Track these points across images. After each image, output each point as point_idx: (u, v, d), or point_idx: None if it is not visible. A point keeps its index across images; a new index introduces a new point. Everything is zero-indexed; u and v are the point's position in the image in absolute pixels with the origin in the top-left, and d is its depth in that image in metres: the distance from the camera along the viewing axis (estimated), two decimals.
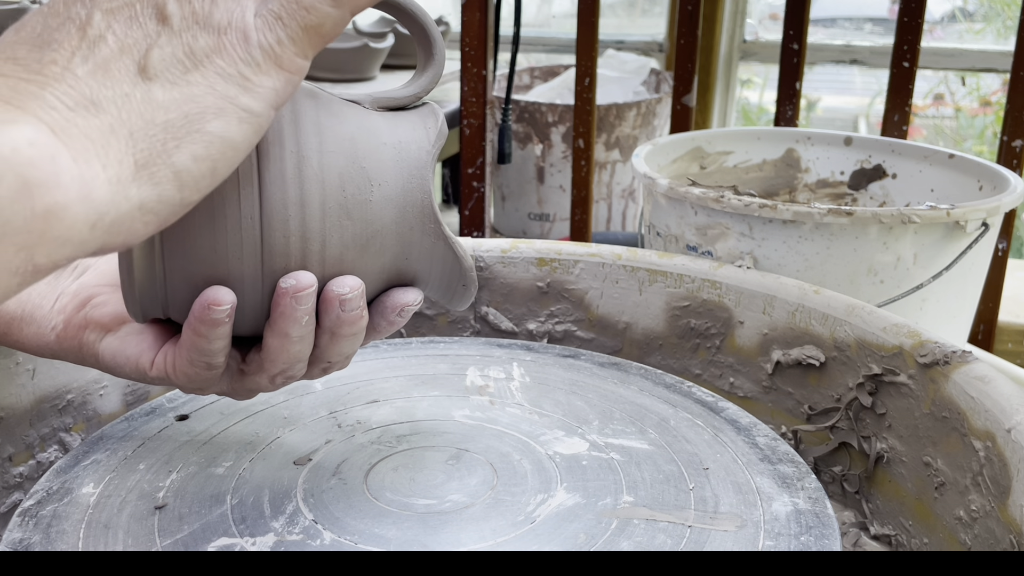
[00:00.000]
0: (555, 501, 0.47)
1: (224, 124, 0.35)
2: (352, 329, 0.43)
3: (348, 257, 0.42)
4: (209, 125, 0.34)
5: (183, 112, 0.34)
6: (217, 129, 0.34)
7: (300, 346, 0.42)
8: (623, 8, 2.88)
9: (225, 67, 0.35)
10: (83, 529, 0.45)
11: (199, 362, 0.42)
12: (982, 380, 0.53)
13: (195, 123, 0.34)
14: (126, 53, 0.34)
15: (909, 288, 0.81)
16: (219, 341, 0.41)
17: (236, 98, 0.35)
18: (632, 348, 0.75)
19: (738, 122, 2.53)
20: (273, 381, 0.44)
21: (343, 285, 0.41)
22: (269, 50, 0.35)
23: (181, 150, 0.34)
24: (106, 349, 0.46)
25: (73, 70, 0.33)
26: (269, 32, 0.36)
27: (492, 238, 0.80)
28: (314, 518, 0.46)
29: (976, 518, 0.52)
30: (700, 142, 1.08)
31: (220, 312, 0.40)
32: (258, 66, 0.35)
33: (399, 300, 0.44)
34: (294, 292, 0.40)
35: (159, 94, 0.34)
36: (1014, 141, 1.20)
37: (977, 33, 2.89)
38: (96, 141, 0.32)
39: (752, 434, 0.55)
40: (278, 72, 0.36)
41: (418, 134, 0.44)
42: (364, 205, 0.42)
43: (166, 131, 0.33)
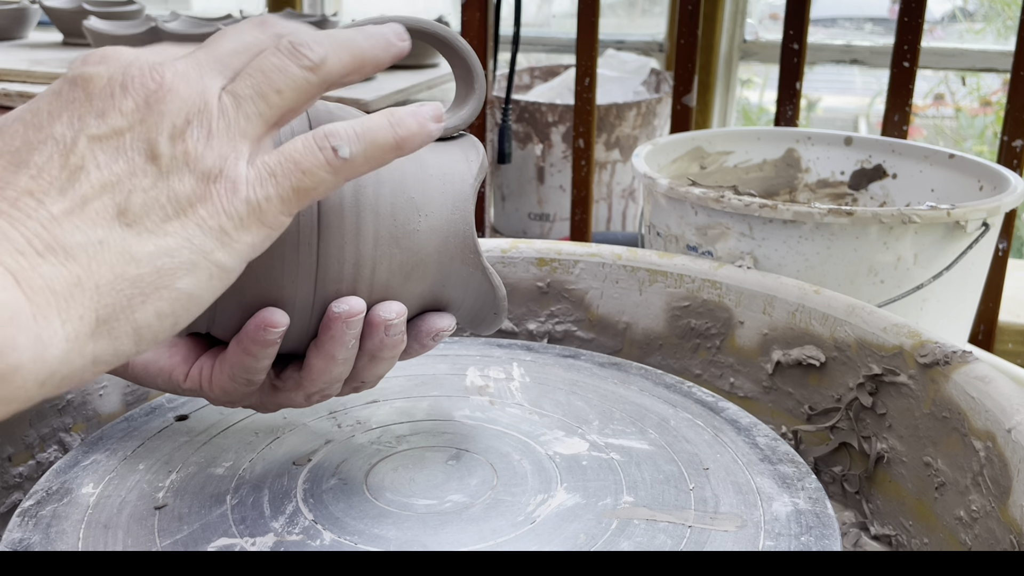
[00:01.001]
0: (555, 501, 0.47)
1: (194, 281, 0.33)
2: (392, 353, 0.44)
3: (393, 284, 0.43)
4: (179, 282, 0.32)
5: (155, 267, 0.32)
6: (186, 287, 0.33)
7: (343, 368, 0.43)
8: (623, 8, 2.88)
9: (207, 219, 0.33)
10: (83, 529, 0.45)
11: (240, 379, 0.43)
12: (982, 380, 0.53)
13: (165, 279, 0.32)
14: (107, 192, 0.31)
15: (909, 288, 0.81)
16: (266, 360, 0.42)
17: (211, 253, 0.33)
18: (632, 348, 0.75)
19: (738, 122, 2.53)
20: (309, 399, 0.45)
21: (390, 311, 0.42)
22: (256, 206, 0.34)
23: (146, 307, 0.32)
24: (137, 360, 0.45)
25: (48, 206, 0.30)
26: (260, 188, 0.34)
27: (492, 238, 0.80)
28: (314, 518, 0.46)
29: (976, 518, 0.52)
30: (700, 142, 1.08)
31: (274, 334, 0.40)
32: (240, 221, 0.34)
33: (435, 326, 0.45)
34: (347, 317, 0.41)
35: (134, 245, 0.31)
36: (1014, 141, 1.20)
37: (977, 33, 2.89)
38: (60, 294, 0.30)
39: (752, 434, 0.55)
40: (259, 228, 0.34)
41: (461, 167, 0.45)
42: (412, 235, 0.43)
43: (134, 286, 0.31)
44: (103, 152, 0.32)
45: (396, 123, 0.37)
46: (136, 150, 0.32)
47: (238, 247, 0.34)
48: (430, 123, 0.37)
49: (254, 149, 0.35)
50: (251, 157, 0.34)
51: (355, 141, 0.36)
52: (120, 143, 0.32)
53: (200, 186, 0.33)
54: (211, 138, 0.33)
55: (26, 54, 1.72)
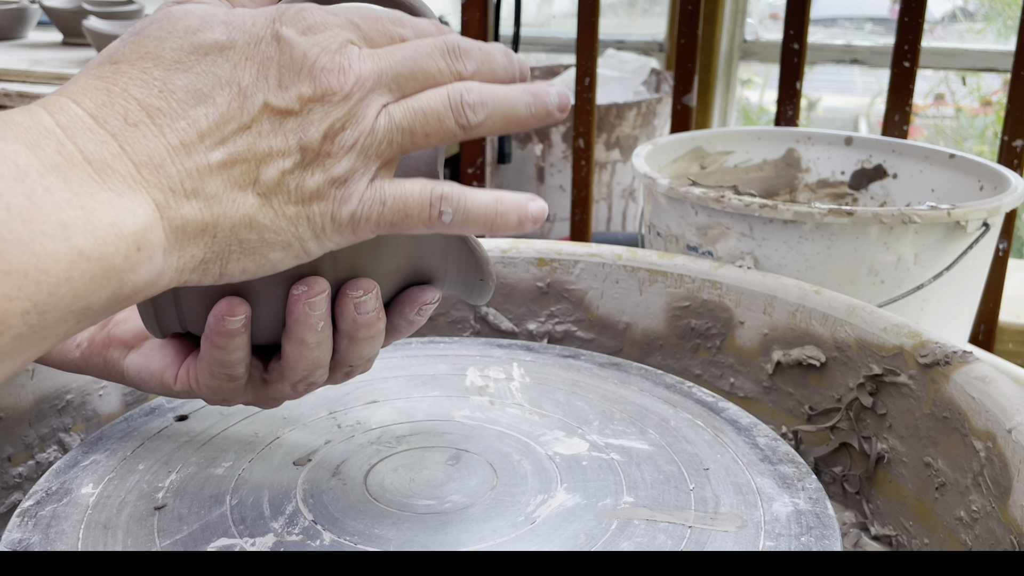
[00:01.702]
0: (555, 501, 0.47)
1: (282, 256, 0.36)
2: (370, 332, 0.43)
3: (360, 260, 0.42)
4: (272, 253, 0.36)
5: (262, 238, 0.35)
6: (275, 258, 0.36)
7: (318, 352, 0.42)
8: (623, 8, 2.88)
9: (316, 215, 0.36)
10: (82, 529, 0.45)
11: (220, 374, 0.42)
12: (983, 380, 0.53)
13: (264, 248, 0.35)
14: (256, 160, 0.34)
15: (910, 288, 0.81)
16: (237, 352, 0.41)
17: (305, 242, 0.36)
18: (632, 348, 0.75)
19: (738, 122, 2.53)
20: (296, 388, 0.44)
21: (356, 288, 0.41)
22: (356, 221, 0.36)
23: (240, 262, 0.35)
24: (131, 366, 0.46)
25: (208, 155, 0.33)
26: (367, 208, 0.36)
27: (492, 238, 0.79)
28: (314, 518, 0.46)
29: (977, 518, 0.52)
30: (700, 142, 1.08)
31: (235, 323, 0.40)
32: (339, 227, 0.36)
33: (416, 299, 0.44)
34: (307, 298, 0.40)
35: (256, 214, 0.35)
36: (1015, 141, 1.19)
37: (978, 33, 2.89)
38: (188, 235, 0.33)
39: (752, 434, 0.55)
40: (349, 235, 0.37)
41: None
42: None
43: (240, 245, 0.35)
44: (269, 123, 0.34)
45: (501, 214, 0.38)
46: (294, 133, 0.35)
47: (327, 243, 0.37)
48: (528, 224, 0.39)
49: (380, 170, 0.37)
50: (374, 176, 0.36)
51: (460, 212, 0.37)
52: (284, 122, 0.34)
53: (324, 187, 0.35)
54: (353, 149, 0.35)
55: (26, 54, 1.72)
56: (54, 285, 0.29)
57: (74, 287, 0.30)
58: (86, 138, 0.31)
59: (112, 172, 0.31)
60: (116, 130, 0.32)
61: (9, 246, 0.28)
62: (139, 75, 0.33)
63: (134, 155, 0.32)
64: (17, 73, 1.54)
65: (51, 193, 0.29)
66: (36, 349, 0.31)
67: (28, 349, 0.30)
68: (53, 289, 0.29)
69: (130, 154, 0.32)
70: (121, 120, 0.32)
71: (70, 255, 0.29)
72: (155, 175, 0.32)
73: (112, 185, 0.31)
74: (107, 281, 0.31)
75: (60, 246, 0.29)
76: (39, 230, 0.29)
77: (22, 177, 0.29)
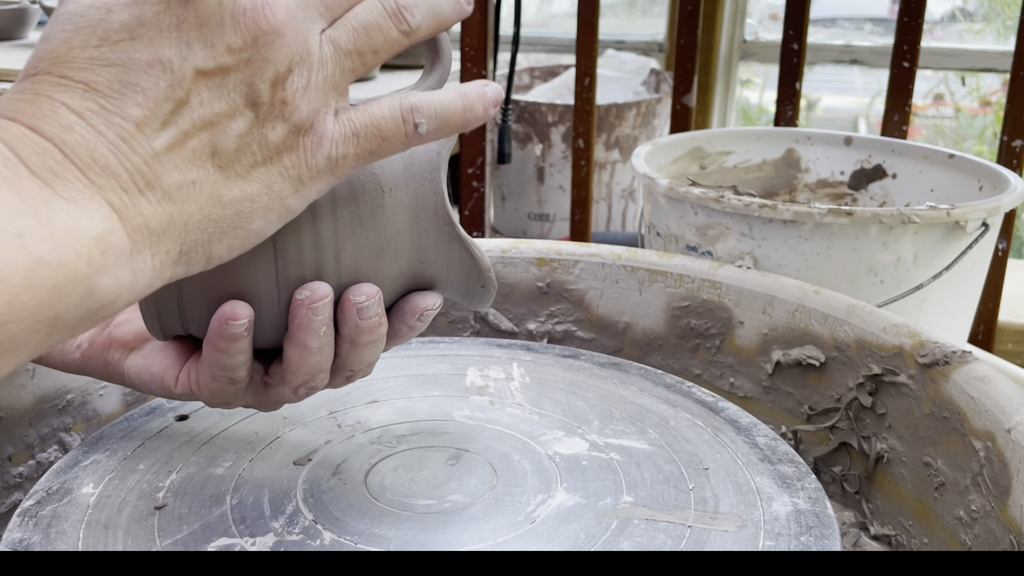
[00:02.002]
0: (555, 501, 0.47)
1: (265, 222, 0.35)
2: (372, 337, 0.42)
3: (363, 264, 0.42)
4: (253, 223, 0.35)
5: (237, 210, 0.34)
6: (258, 227, 0.35)
7: (320, 357, 0.42)
8: (623, 8, 2.88)
9: (289, 168, 0.35)
10: (83, 529, 0.45)
11: (221, 377, 0.42)
12: (982, 380, 0.53)
13: (243, 220, 0.34)
14: (206, 131, 0.32)
15: (909, 288, 0.81)
16: (239, 356, 0.41)
17: (285, 199, 0.35)
18: (632, 348, 0.75)
19: (738, 122, 2.53)
20: (296, 392, 0.44)
21: (359, 293, 0.41)
22: (334, 161, 0.35)
23: (222, 242, 0.34)
24: (131, 368, 0.46)
25: (152, 141, 0.32)
26: (342, 146, 0.35)
27: (492, 238, 0.80)
28: (314, 518, 0.46)
29: (976, 518, 0.52)
30: (700, 142, 1.08)
31: (238, 327, 0.40)
32: (317, 173, 0.35)
33: (418, 305, 0.44)
34: (309, 303, 0.40)
35: (222, 189, 0.33)
36: (1014, 141, 1.20)
37: (977, 33, 2.89)
38: (154, 231, 0.32)
39: (752, 434, 0.55)
40: (329, 179, 0.36)
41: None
42: (376, 211, 0.41)
43: (216, 225, 0.34)
44: (207, 89, 0.32)
45: (468, 107, 0.38)
46: (238, 92, 0.33)
47: (307, 193, 0.36)
48: (491, 108, 0.38)
49: (339, 101, 0.35)
50: (336, 111, 0.35)
51: (433, 119, 0.37)
52: (224, 82, 0.33)
53: (290, 137, 0.34)
54: (308, 89, 0.34)
55: (26, 54, 1.72)
56: (14, 294, 0.28)
57: (37, 295, 0.29)
58: (28, 149, 0.30)
59: (60, 180, 0.30)
60: (54, 137, 0.30)
61: None
62: (58, 81, 0.31)
63: (77, 159, 0.30)
64: (17, 73, 1.54)
65: (2, 204, 0.28)
66: (9, 360, 0.29)
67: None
68: (13, 298, 0.28)
69: (73, 159, 0.30)
70: (56, 126, 0.30)
71: (28, 263, 0.28)
72: (102, 177, 0.31)
73: (64, 193, 0.30)
74: (73, 288, 0.29)
75: (16, 254, 0.28)
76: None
77: None
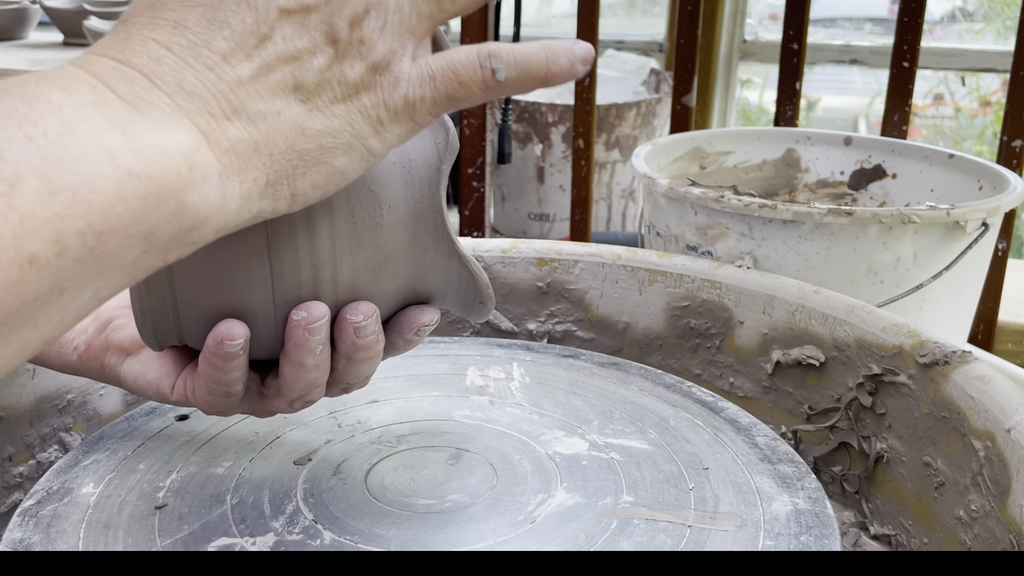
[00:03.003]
0: (555, 501, 0.47)
1: (347, 161, 0.35)
2: (368, 354, 0.43)
3: (361, 282, 0.41)
4: (336, 160, 0.35)
5: (320, 144, 0.34)
6: (340, 164, 0.35)
7: (316, 374, 0.42)
8: (623, 8, 2.88)
9: (368, 107, 0.35)
10: (83, 529, 0.45)
11: (217, 391, 0.42)
12: (982, 380, 0.53)
13: (326, 155, 0.34)
14: (288, 65, 0.33)
15: (909, 288, 0.81)
16: (235, 372, 0.41)
17: (366, 139, 0.35)
18: (632, 348, 0.75)
19: (738, 122, 2.53)
20: (292, 405, 0.44)
21: (357, 313, 0.41)
22: (411, 103, 0.35)
23: (306, 177, 0.34)
24: (128, 373, 0.46)
25: (237, 70, 0.32)
26: (419, 87, 0.35)
27: (492, 238, 0.80)
28: (314, 518, 0.46)
29: (976, 518, 0.52)
30: (700, 142, 1.08)
31: (234, 346, 0.40)
32: (395, 114, 0.35)
33: (416, 320, 0.44)
34: (306, 324, 0.40)
35: (305, 121, 0.34)
36: (1014, 141, 1.20)
37: (977, 33, 2.89)
38: (241, 156, 0.33)
39: (752, 434, 0.55)
40: (408, 123, 0.36)
41: (428, 150, 0.43)
42: (375, 229, 0.41)
43: (300, 158, 0.34)
44: (290, 26, 0.33)
45: (551, 59, 0.37)
46: (319, 30, 0.34)
47: (388, 137, 0.36)
48: (579, 65, 0.38)
49: (417, 47, 0.36)
50: (414, 55, 0.36)
51: (512, 67, 0.36)
52: (305, 20, 0.33)
53: (368, 75, 0.35)
54: (384, 30, 0.34)
55: (26, 54, 1.72)
56: (107, 204, 0.29)
57: (129, 207, 0.29)
58: (116, 78, 0.31)
59: (147, 104, 0.31)
60: (143, 68, 0.32)
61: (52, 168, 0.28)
62: (149, 21, 0.33)
63: (165, 87, 0.31)
64: (17, 73, 1.54)
65: (88, 123, 0.29)
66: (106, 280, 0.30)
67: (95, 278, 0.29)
68: (107, 208, 0.29)
69: (161, 86, 0.31)
70: (145, 59, 0.32)
71: (118, 174, 0.29)
72: (190, 102, 0.32)
73: (151, 115, 0.31)
74: (164, 201, 0.30)
75: (106, 166, 0.29)
76: (81, 152, 0.28)
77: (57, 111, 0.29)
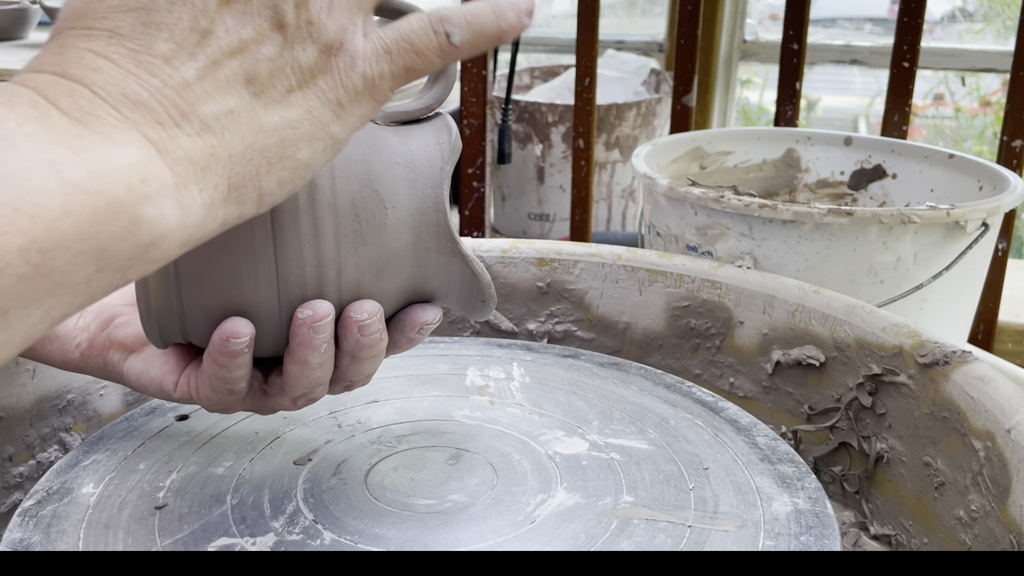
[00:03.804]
0: (555, 501, 0.47)
1: (311, 151, 0.34)
2: (372, 352, 0.43)
3: (364, 282, 0.42)
4: (299, 152, 0.33)
5: (280, 138, 0.33)
6: (305, 156, 0.34)
7: (320, 372, 0.43)
8: (623, 8, 2.88)
9: (326, 91, 0.34)
10: (83, 529, 0.45)
11: (221, 389, 0.43)
12: (982, 380, 0.53)
13: (288, 149, 0.33)
14: (235, 58, 0.32)
15: (909, 288, 0.81)
16: (239, 370, 0.42)
17: (328, 125, 0.34)
18: (632, 348, 0.75)
19: (738, 122, 2.53)
20: (295, 403, 0.45)
21: (361, 311, 0.41)
22: (370, 81, 0.34)
23: (271, 175, 0.33)
24: (131, 370, 0.46)
25: (182, 72, 0.31)
26: (376, 64, 0.34)
27: (492, 238, 0.80)
28: (314, 518, 0.46)
29: (976, 518, 0.52)
30: (700, 142, 1.08)
31: (239, 344, 0.40)
32: (356, 95, 0.34)
33: (418, 319, 0.44)
34: (311, 323, 0.40)
35: (262, 116, 0.32)
36: (1014, 141, 1.20)
37: (977, 33, 2.89)
38: (197, 164, 0.31)
39: (752, 434, 0.55)
40: (369, 102, 0.35)
41: (431, 150, 0.43)
42: (379, 229, 0.41)
43: (262, 155, 0.33)
44: (231, 16, 0.32)
45: (500, 15, 0.37)
46: (263, 16, 0.32)
47: (350, 119, 0.35)
48: (525, 17, 0.37)
49: (366, 21, 0.35)
50: (365, 30, 0.34)
51: (465, 29, 0.36)
52: (247, 8, 0.32)
53: (322, 58, 0.33)
54: (333, 8, 0.33)
55: (26, 54, 1.72)
56: (51, 220, 0.27)
57: (77, 222, 0.27)
58: (57, 92, 0.29)
59: (92, 117, 0.29)
60: (84, 80, 0.30)
61: None
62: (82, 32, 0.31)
63: (108, 98, 0.30)
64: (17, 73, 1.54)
65: (31, 137, 0.27)
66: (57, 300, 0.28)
67: (44, 297, 0.28)
68: (51, 224, 0.27)
69: (104, 98, 0.30)
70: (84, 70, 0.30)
71: (64, 188, 0.27)
72: (136, 112, 0.30)
73: (97, 128, 0.29)
74: (115, 216, 0.28)
75: (50, 180, 0.27)
76: (23, 166, 0.27)
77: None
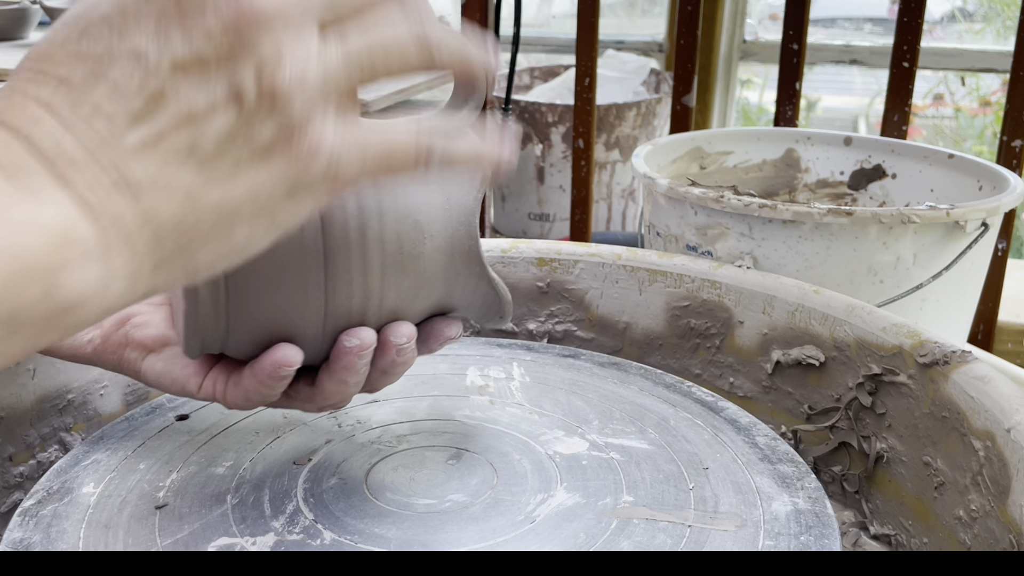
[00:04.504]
0: (555, 501, 0.47)
1: (251, 233, 0.31)
2: (404, 368, 0.46)
3: (402, 306, 0.44)
4: (237, 232, 0.31)
5: (218, 217, 0.30)
6: (241, 237, 0.31)
7: (354, 388, 0.45)
8: (623, 8, 2.88)
9: (278, 175, 0.30)
10: (83, 529, 0.45)
11: (256, 401, 0.44)
12: (982, 380, 0.53)
13: (224, 228, 0.31)
14: (183, 128, 0.29)
15: (909, 288, 0.81)
16: (280, 389, 0.44)
17: (274, 210, 0.31)
18: (632, 348, 0.75)
19: (738, 122, 2.53)
20: (321, 409, 0.47)
21: (400, 335, 0.44)
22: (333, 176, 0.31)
23: (204, 251, 0.31)
24: (150, 369, 0.47)
25: (123, 136, 0.29)
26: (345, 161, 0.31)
27: (492, 238, 0.80)
28: (314, 518, 0.46)
29: (976, 518, 0.52)
30: (700, 142, 1.08)
31: (289, 371, 0.42)
32: (312, 185, 0.31)
33: (443, 333, 0.46)
34: (358, 351, 0.43)
35: (200, 192, 0.30)
36: (1014, 141, 1.20)
37: (977, 33, 2.89)
38: (126, 231, 0.29)
39: (752, 434, 0.55)
40: (327, 193, 0.32)
41: (464, 178, 0.44)
42: (417, 258, 0.43)
43: (196, 230, 0.30)
44: (185, 82, 0.29)
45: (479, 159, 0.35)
46: (220, 85, 0.29)
47: (299, 208, 0.32)
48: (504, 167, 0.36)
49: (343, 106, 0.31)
50: (341, 117, 0.31)
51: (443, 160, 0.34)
52: (204, 74, 0.29)
53: (282, 138, 0.30)
54: (304, 84, 0.30)
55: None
56: None
57: None
58: None
59: (24, 172, 0.28)
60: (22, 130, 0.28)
61: None
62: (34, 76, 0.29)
63: (45, 152, 0.28)
64: None
65: None
66: None
67: None
68: None
69: (42, 151, 0.28)
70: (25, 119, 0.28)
71: None
72: (71, 169, 0.28)
73: (26, 184, 0.27)
74: (30, 282, 0.27)
75: None
76: None
77: None
